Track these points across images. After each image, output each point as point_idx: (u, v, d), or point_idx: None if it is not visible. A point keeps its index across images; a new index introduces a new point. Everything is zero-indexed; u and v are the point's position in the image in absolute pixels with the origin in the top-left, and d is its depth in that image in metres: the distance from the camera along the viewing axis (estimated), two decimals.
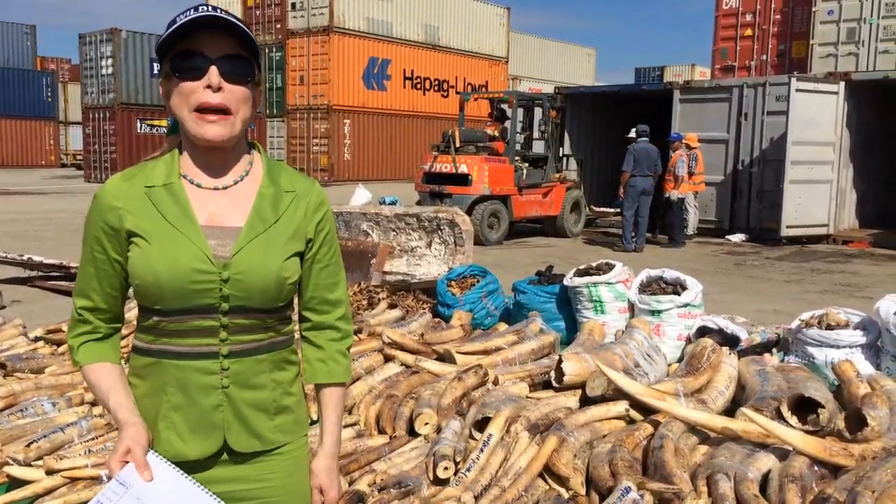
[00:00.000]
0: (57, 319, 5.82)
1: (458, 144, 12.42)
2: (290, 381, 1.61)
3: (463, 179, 12.17)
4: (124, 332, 1.74)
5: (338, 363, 1.65)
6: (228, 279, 1.46)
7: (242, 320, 1.50)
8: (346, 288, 1.68)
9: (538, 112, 14.06)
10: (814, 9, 16.00)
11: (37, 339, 5.11)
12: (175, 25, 1.42)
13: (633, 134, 12.14)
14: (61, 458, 3.16)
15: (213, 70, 1.44)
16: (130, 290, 1.56)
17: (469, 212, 11.85)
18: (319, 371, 1.64)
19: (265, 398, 1.55)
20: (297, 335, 1.65)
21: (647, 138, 11.88)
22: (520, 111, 13.55)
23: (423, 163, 13.01)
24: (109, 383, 1.51)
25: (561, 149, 14.60)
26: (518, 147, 13.31)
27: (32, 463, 3.21)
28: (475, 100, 14.81)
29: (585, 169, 15.47)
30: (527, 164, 13.10)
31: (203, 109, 1.45)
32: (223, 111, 1.45)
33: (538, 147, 14.16)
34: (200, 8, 1.44)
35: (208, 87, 1.44)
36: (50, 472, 3.09)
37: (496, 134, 13.25)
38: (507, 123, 13.35)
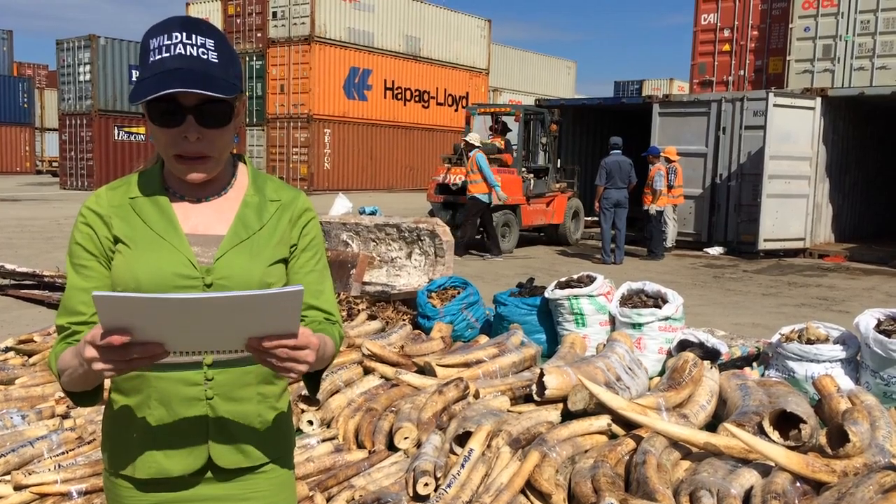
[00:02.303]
0: (28, 329, 5.70)
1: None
2: (276, 396, 1.56)
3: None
4: None
5: (328, 331, 1.52)
6: (211, 284, 1.44)
7: None
8: (333, 297, 1.63)
9: (535, 125, 14.48)
10: (790, 25, 16.21)
11: (7, 350, 5.01)
12: (149, 53, 1.38)
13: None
14: (30, 473, 3.08)
15: (190, 120, 1.40)
16: None
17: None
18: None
19: (250, 411, 1.50)
20: None
21: (619, 151, 11.97)
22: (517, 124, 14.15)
23: (436, 174, 13.54)
24: (75, 347, 1.38)
25: (559, 160, 15.00)
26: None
27: (0, 478, 3.13)
28: (480, 113, 15.07)
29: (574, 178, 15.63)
30: (532, 176, 13.65)
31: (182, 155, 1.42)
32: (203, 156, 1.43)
33: (531, 159, 14.49)
34: (174, 36, 1.37)
35: (186, 137, 1.40)
36: (18, 488, 3.01)
37: (502, 146, 13.73)
38: (508, 136, 13.95)
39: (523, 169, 13.48)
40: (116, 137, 27.33)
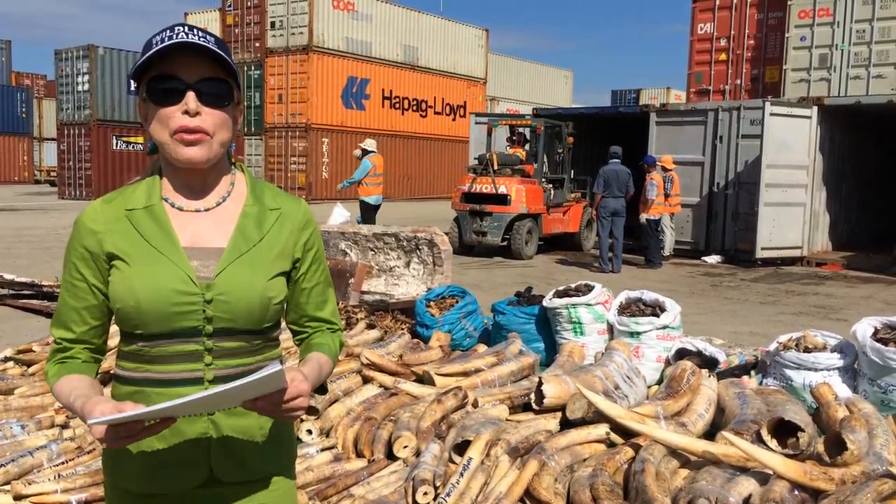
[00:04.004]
0: (28, 339, 5.70)
1: (496, 167, 13.45)
2: None
3: (502, 199, 13.13)
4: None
5: (328, 345, 1.59)
6: (212, 300, 1.43)
7: (228, 343, 1.46)
8: (335, 305, 1.66)
9: (550, 136, 14.73)
10: (786, 35, 16.29)
11: (6, 360, 5.01)
12: (150, 51, 1.39)
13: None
14: (30, 483, 3.08)
15: (191, 95, 1.41)
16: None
17: (509, 229, 13.15)
18: (311, 348, 1.59)
19: (251, 425, 1.50)
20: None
21: (617, 160, 12.01)
22: (531, 135, 14.46)
23: (461, 184, 13.98)
24: (75, 384, 1.42)
25: (572, 171, 15.29)
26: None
27: (0, 488, 3.13)
28: (502, 125, 15.36)
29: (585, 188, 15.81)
30: (551, 185, 14.02)
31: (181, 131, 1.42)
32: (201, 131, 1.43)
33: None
34: (176, 29, 1.40)
35: (186, 112, 1.41)
36: (18, 498, 3.01)
37: (523, 157, 14.12)
38: (527, 147, 14.44)
39: (543, 179, 13.88)
40: (115, 147, 27.36)
